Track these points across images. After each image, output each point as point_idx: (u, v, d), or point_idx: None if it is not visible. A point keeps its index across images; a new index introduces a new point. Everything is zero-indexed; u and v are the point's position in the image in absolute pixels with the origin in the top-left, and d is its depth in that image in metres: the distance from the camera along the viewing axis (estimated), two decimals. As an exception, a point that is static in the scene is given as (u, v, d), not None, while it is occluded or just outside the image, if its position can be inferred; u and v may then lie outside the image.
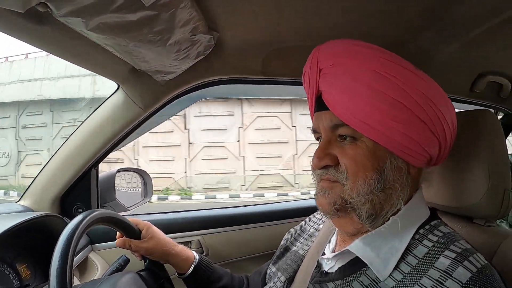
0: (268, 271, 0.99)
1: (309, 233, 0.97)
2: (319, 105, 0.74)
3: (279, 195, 11.00)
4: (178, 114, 11.17)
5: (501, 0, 0.95)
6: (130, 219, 1.01)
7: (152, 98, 1.21)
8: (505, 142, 0.90)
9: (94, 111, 1.26)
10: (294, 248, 0.96)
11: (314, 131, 0.77)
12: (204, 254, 1.52)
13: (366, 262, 0.67)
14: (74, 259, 1.22)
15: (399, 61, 0.68)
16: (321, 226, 0.96)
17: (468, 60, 1.49)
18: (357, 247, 0.70)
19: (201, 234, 1.53)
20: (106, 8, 0.68)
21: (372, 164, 0.67)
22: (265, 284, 0.99)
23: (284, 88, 1.36)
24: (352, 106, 0.66)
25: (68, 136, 1.30)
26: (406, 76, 0.66)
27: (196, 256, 1.07)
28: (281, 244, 1.03)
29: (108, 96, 1.24)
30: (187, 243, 1.51)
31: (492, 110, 2.16)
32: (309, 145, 12.09)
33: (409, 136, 0.66)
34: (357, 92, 0.66)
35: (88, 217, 0.81)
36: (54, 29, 0.78)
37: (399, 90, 0.65)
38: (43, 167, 1.33)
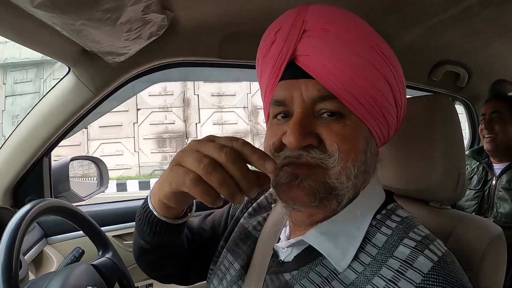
0: (220, 249, 0.89)
1: (258, 202, 0.90)
2: (292, 72, 0.63)
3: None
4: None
5: None
6: None
7: (104, 82, 1.20)
8: (460, 127, 0.93)
9: (44, 95, 1.23)
10: (243, 220, 0.89)
11: (280, 103, 0.64)
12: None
13: (323, 253, 0.63)
14: (29, 253, 1.21)
15: (385, 43, 0.65)
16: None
17: (427, 48, 1.57)
18: (313, 237, 0.64)
19: None
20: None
21: (361, 144, 0.63)
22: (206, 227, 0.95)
23: (242, 71, 1.38)
24: (346, 78, 0.59)
25: (17, 124, 1.27)
26: (393, 57, 0.64)
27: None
28: (226, 208, 0.97)
29: (59, 80, 1.22)
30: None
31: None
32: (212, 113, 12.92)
33: (386, 118, 0.64)
34: (353, 63, 0.60)
35: (35, 208, 0.80)
36: None
37: (388, 68, 0.63)
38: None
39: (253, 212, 0.89)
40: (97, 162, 1.63)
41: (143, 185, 10.88)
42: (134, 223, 1.39)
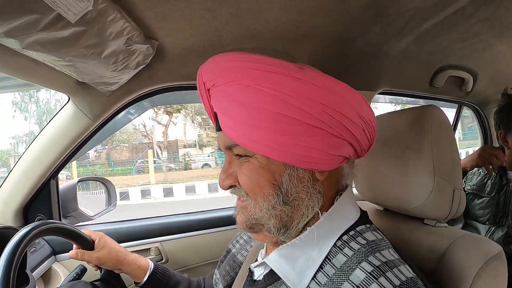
0: (214, 276, 1.03)
1: (248, 234, 0.99)
2: (218, 125, 0.71)
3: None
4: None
5: None
6: (83, 230, 1.07)
7: (100, 109, 1.28)
8: (454, 138, 0.89)
9: (48, 122, 1.35)
10: (234, 250, 1.00)
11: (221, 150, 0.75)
12: (163, 260, 1.61)
13: (280, 276, 0.68)
14: (37, 270, 1.31)
15: (276, 68, 0.62)
16: None
17: (425, 55, 1.55)
18: (273, 260, 0.71)
19: (160, 241, 1.62)
20: (34, 27, 0.77)
21: (267, 179, 0.67)
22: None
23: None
24: (235, 127, 0.65)
25: (25, 148, 1.40)
26: (285, 83, 0.61)
27: (150, 264, 1.12)
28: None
29: (60, 108, 1.33)
30: (146, 250, 1.59)
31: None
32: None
33: (305, 146, 0.63)
34: (235, 112, 0.64)
35: (36, 229, 0.86)
36: None
37: (278, 102, 0.61)
38: (4, 180, 1.42)
39: (244, 243, 1.00)
40: (104, 182, 1.73)
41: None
42: (136, 242, 1.50)
